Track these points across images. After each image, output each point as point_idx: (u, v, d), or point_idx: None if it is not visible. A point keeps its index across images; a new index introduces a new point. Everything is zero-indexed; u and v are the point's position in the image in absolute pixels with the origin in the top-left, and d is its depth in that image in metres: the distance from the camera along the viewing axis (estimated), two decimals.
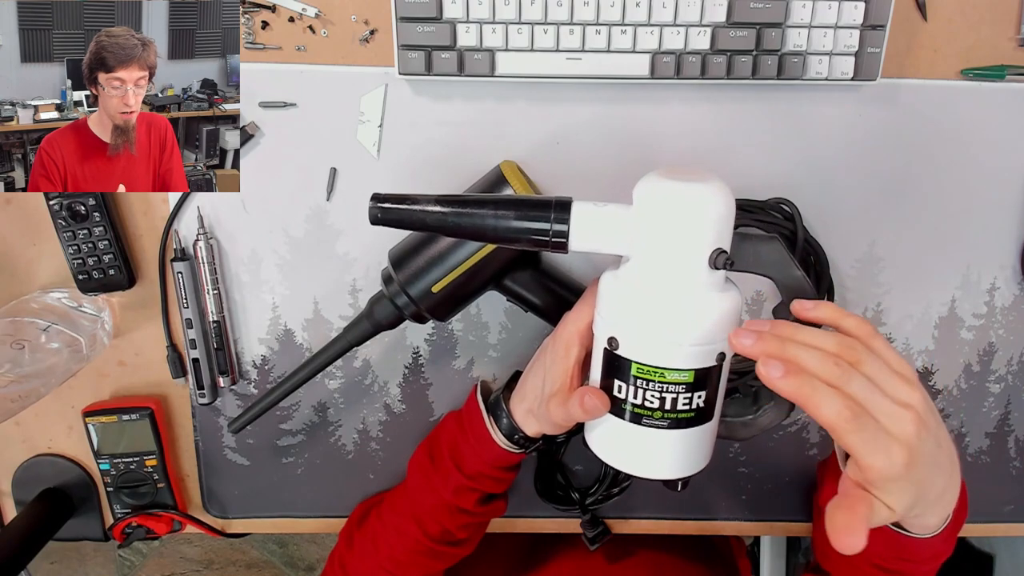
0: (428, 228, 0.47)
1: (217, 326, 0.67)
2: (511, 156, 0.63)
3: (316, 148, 0.64)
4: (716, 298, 0.45)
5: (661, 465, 0.49)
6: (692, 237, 0.44)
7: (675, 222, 0.44)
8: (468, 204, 0.47)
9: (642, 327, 0.46)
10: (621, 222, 0.46)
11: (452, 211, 0.46)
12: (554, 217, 0.46)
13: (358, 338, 0.61)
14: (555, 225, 0.46)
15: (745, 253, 0.46)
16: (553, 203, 0.46)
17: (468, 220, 0.46)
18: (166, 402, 0.72)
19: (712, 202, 0.44)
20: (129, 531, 0.73)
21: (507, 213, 0.46)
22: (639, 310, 0.46)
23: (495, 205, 0.46)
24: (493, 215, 0.46)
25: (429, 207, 0.47)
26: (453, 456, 0.61)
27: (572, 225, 0.46)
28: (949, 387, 0.71)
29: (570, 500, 0.72)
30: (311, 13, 0.61)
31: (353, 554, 0.67)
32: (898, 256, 0.67)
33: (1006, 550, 1.28)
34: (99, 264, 0.64)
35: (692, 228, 0.44)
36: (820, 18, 0.58)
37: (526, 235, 0.46)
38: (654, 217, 0.44)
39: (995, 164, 0.65)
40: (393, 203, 0.47)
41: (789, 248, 0.65)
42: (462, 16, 0.57)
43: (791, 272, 0.47)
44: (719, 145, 0.64)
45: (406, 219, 0.47)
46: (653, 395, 0.46)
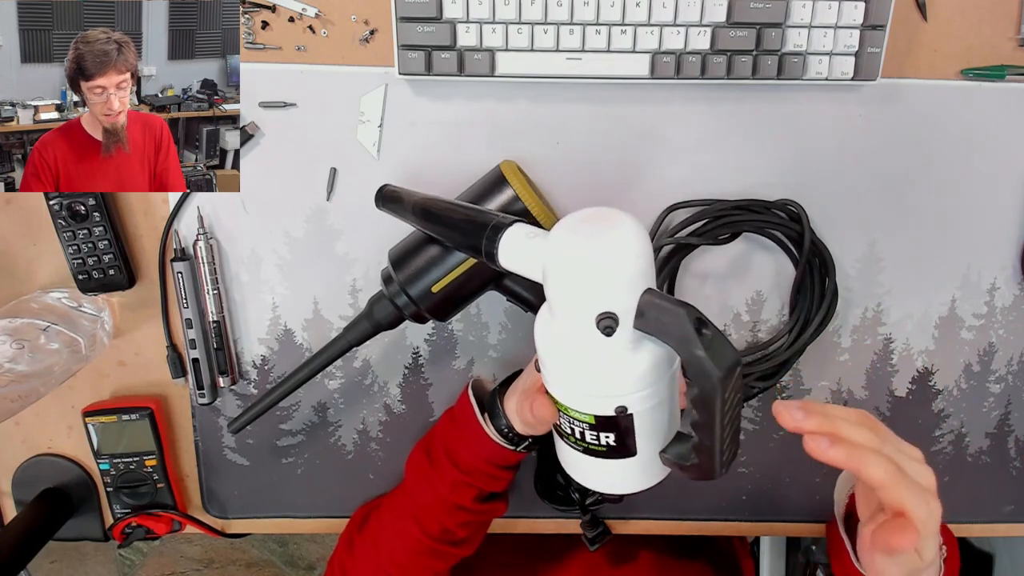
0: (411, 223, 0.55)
1: (217, 326, 0.67)
2: (511, 156, 0.63)
3: (316, 148, 0.64)
4: (614, 355, 0.43)
5: (588, 480, 0.52)
6: (581, 296, 0.42)
7: (566, 278, 0.43)
8: (432, 214, 0.53)
9: (548, 364, 0.47)
10: (538, 250, 0.45)
11: (422, 215, 0.53)
12: (486, 237, 0.48)
13: (358, 338, 0.61)
14: (486, 245, 0.48)
15: (649, 318, 0.42)
16: (491, 225, 0.48)
17: (431, 227, 0.53)
18: (166, 402, 0.72)
19: (604, 263, 0.41)
20: (129, 531, 0.73)
21: (456, 226, 0.51)
22: (548, 347, 0.47)
23: (453, 212, 0.52)
24: (447, 226, 0.52)
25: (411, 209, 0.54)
26: (448, 452, 0.62)
27: (500, 249, 0.47)
28: (949, 387, 0.71)
29: (570, 500, 0.72)
30: (311, 13, 0.61)
31: (354, 558, 0.67)
32: (898, 256, 0.67)
33: (1006, 550, 1.28)
34: (99, 264, 0.64)
35: (580, 288, 0.42)
36: (820, 18, 0.58)
37: (468, 249, 0.51)
38: (553, 266, 0.43)
39: (995, 164, 0.65)
40: (389, 199, 0.56)
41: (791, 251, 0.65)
42: (462, 16, 0.57)
43: (693, 351, 0.40)
44: (719, 145, 0.64)
45: (396, 213, 0.55)
46: (567, 422, 0.49)
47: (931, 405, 0.72)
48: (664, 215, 0.64)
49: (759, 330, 0.69)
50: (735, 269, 0.67)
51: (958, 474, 0.74)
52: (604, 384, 0.45)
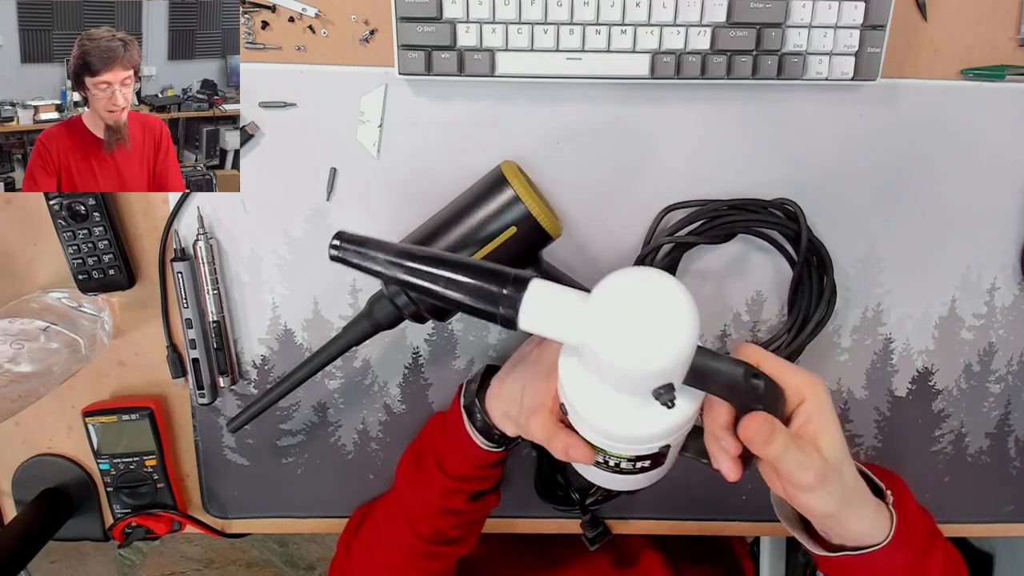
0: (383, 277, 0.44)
1: (217, 326, 0.67)
2: (511, 156, 0.63)
3: (316, 148, 0.64)
4: (659, 415, 0.44)
5: (609, 485, 0.53)
6: (638, 379, 0.41)
7: (620, 363, 0.40)
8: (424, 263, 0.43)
9: (591, 421, 0.46)
10: (574, 313, 0.42)
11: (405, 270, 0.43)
12: (504, 296, 0.42)
13: (357, 338, 0.61)
14: (506, 302, 0.42)
15: (704, 378, 0.43)
16: (511, 277, 0.42)
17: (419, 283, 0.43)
18: (166, 402, 0.72)
19: (666, 354, 0.40)
20: (129, 531, 0.73)
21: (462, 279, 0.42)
22: (591, 408, 0.45)
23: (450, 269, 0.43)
24: (447, 279, 0.43)
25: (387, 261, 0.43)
26: (437, 459, 0.62)
27: (525, 304, 0.42)
28: (949, 387, 0.71)
29: (570, 500, 0.72)
30: (311, 13, 0.61)
31: (351, 562, 0.67)
32: (898, 256, 0.67)
33: (1006, 550, 1.28)
34: (99, 264, 0.64)
35: (638, 373, 0.40)
36: (820, 18, 0.58)
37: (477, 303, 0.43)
38: (603, 349, 0.40)
39: (995, 164, 0.65)
40: (354, 246, 0.44)
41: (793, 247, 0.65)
42: (462, 16, 0.57)
43: (749, 405, 0.44)
44: (719, 145, 0.64)
45: (363, 268, 0.44)
46: (600, 456, 0.49)
47: (931, 405, 0.72)
48: (662, 215, 0.64)
49: (759, 330, 0.69)
50: (735, 269, 0.67)
51: (958, 474, 0.74)
52: (652, 436, 0.45)
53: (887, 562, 0.51)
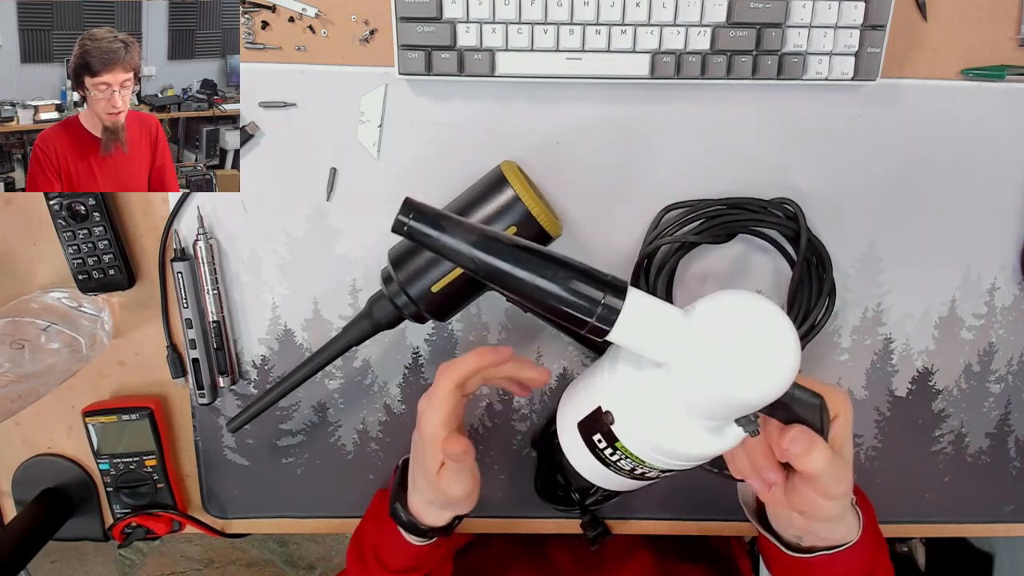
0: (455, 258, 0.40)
1: (217, 326, 0.67)
2: (511, 156, 0.63)
3: (316, 148, 0.64)
4: (718, 437, 0.44)
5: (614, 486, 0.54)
6: (736, 405, 0.40)
7: (726, 391, 0.39)
8: (510, 255, 0.39)
9: (644, 430, 0.45)
10: (672, 331, 0.40)
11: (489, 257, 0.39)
12: (605, 300, 0.39)
13: (357, 337, 0.61)
14: (603, 310, 0.39)
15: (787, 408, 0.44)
16: (609, 282, 0.40)
17: (504, 274, 0.40)
18: (166, 402, 0.72)
19: (771, 388, 0.39)
20: (129, 531, 0.73)
21: (555, 277, 0.39)
22: (648, 415, 0.44)
23: (541, 264, 0.39)
24: (537, 276, 0.39)
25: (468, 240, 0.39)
26: (376, 554, 0.62)
27: (623, 315, 0.39)
28: (949, 387, 0.71)
29: (570, 500, 0.72)
30: (311, 13, 0.61)
31: None
32: (898, 256, 0.67)
33: (1006, 550, 1.28)
34: (99, 264, 0.64)
35: (741, 402, 0.40)
36: (820, 18, 0.58)
37: (567, 307, 0.39)
38: (709, 369, 0.39)
39: (995, 164, 0.65)
40: (426, 221, 0.40)
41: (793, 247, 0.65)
42: (462, 16, 0.57)
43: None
44: (719, 145, 0.64)
45: (432, 246, 0.40)
46: (627, 462, 0.48)
47: (931, 405, 0.72)
48: (661, 215, 0.64)
49: None
50: (736, 269, 0.67)
51: (958, 474, 0.74)
52: (703, 456, 0.46)
53: (857, 557, 0.54)
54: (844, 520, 0.53)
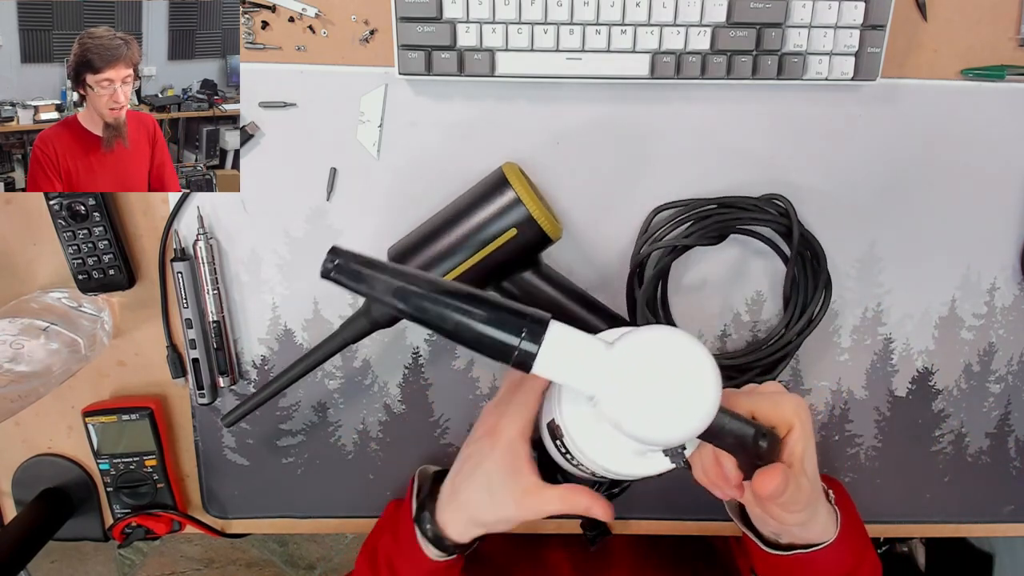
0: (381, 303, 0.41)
1: (217, 326, 0.67)
2: (511, 156, 0.63)
3: (316, 148, 0.64)
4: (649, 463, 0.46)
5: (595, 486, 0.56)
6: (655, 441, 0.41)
7: (643, 431, 0.40)
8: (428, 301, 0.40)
9: (583, 445, 0.47)
10: (593, 366, 0.40)
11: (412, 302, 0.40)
12: (521, 343, 0.40)
13: (355, 335, 0.61)
14: (519, 354, 0.40)
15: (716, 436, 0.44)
16: (529, 317, 0.40)
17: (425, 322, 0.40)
18: (166, 402, 0.72)
19: (688, 427, 0.39)
20: (129, 531, 0.73)
21: (472, 320, 0.40)
22: (584, 433, 0.46)
23: (459, 310, 0.40)
24: (457, 320, 0.40)
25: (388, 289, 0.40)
26: (390, 567, 0.60)
27: (542, 353, 0.40)
28: (949, 387, 0.71)
29: None
30: (311, 13, 0.61)
31: None
32: (898, 256, 0.67)
33: (1006, 550, 1.28)
34: (99, 264, 0.64)
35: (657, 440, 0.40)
36: (820, 18, 0.58)
37: (489, 349, 0.40)
38: (626, 410, 0.40)
39: (995, 164, 0.65)
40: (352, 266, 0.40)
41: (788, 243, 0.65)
42: (462, 16, 0.57)
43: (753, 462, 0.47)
44: (719, 145, 0.64)
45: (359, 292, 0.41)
46: (584, 470, 0.50)
47: (931, 405, 0.72)
48: (652, 216, 0.64)
49: (759, 330, 0.69)
50: (734, 271, 0.67)
51: (958, 474, 0.74)
52: (636, 475, 0.48)
53: (834, 556, 0.54)
54: (817, 521, 0.53)
